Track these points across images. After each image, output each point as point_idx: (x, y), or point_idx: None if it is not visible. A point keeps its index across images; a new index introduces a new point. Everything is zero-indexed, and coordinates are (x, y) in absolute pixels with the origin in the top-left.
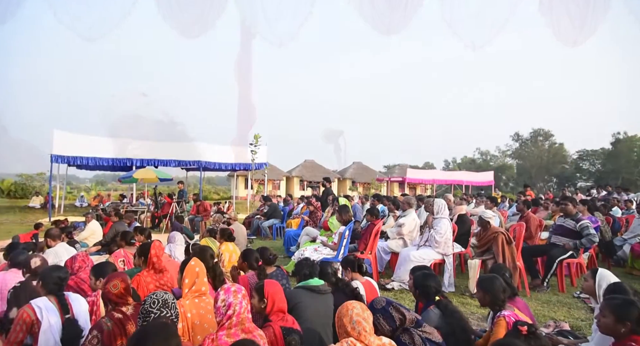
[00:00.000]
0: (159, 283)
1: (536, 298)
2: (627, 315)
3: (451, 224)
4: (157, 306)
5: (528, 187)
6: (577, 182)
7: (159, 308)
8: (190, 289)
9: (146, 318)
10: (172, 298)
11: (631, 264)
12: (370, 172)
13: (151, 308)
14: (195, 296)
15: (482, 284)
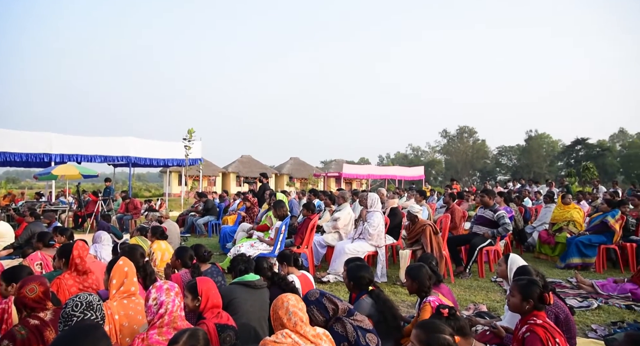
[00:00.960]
0: (82, 286)
1: (459, 283)
2: (530, 294)
3: (384, 218)
4: (80, 309)
5: (454, 181)
6: (497, 176)
7: (83, 311)
8: (119, 290)
9: (68, 322)
10: (98, 299)
11: (539, 249)
12: (307, 167)
13: (73, 312)
14: (124, 297)
15: (410, 273)
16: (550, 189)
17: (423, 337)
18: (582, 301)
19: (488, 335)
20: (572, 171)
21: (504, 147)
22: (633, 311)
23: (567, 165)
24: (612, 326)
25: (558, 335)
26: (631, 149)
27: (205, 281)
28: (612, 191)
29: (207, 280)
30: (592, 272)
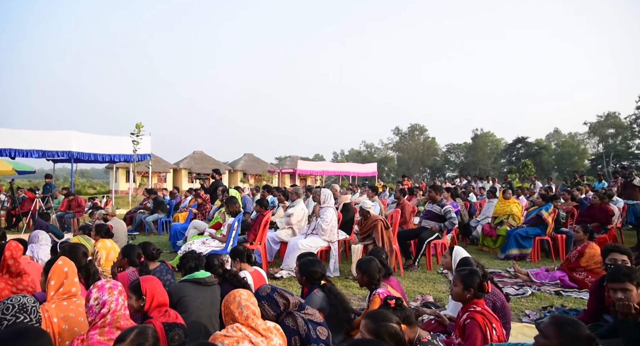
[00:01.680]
0: (16, 288)
1: (408, 276)
2: (471, 283)
3: (336, 213)
4: (11, 312)
5: (405, 177)
6: (446, 172)
7: (15, 314)
8: (57, 291)
9: None
10: (33, 301)
11: (482, 241)
12: (261, 164)
13: (4, 315)
14: (64, 299)
15: (360, 266)
16: (493, 185)
17: (371, 326)
18: (519, 289)
19: (433, 324)
20: (512, 167)
21: (452, 144)
22: (561, 296)
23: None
24: (542, 311)
25: (495, 320)
26: (564, 148)
27: (149, 279)
28: (546, 186)
29: (151, 279)
30: (528, 262)
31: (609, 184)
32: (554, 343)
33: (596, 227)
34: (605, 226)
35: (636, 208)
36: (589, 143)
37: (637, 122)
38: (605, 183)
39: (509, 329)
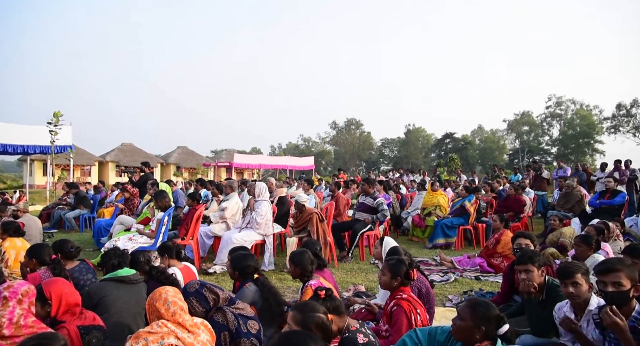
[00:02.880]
0: None
1: (342, 267)
2: (398, 272)
3: (272, 206)
4: None
5: (341, 170)
6: (380, 166)
7: None
8: None
9: None
10: None
11: (412, 232)
12: (196, 157)
13: None
14: None
15: (293, 259)
16: (423, 178)
17: (299, 318)
18: (443, 276)
19: (363, 312)
20: (441, 161)
21: (386, 139)
22: (480, 280)
23: (438, 156)
24: (463, 295)
25: (419, 306)
26: (486, 144)
27: (53, 282)
28: (470, 179)
29: (55, 281)
30: (452, 250)
31: (523, 177)
32: (468, 323)
33: (511, 216)
34: (519, 215)
35: (544, 198)
36: (508, 139)
37: (546, 120)
38: (520, 175)
39: (433, 313)
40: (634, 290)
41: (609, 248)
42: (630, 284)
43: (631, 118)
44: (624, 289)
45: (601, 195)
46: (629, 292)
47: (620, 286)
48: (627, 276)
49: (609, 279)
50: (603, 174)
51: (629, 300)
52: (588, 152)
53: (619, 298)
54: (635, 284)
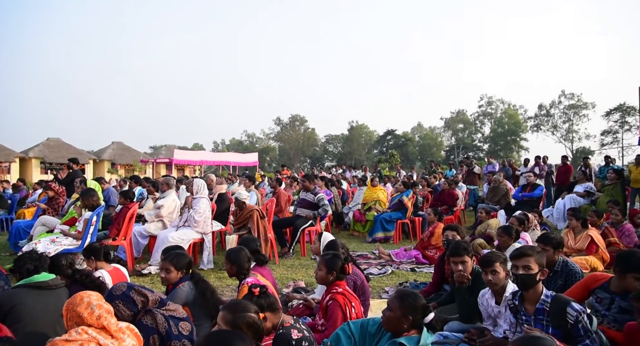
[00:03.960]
0: None
1: (283, 263)
2: (334, 266)
3: (210, 204)
4: None
5: (285, 167)
6: (325, 162)
7: None
8: None
9: None
10: None
11: (353, 227)
12: (133, 153)
13: None
14: None
15: (229, 257)
16: (365, 173)
17: (228, 317)
18: (381, 269)
19: (301, 308)
20: (382, 157)
21: (330, 135)
22: (415, 272)
23: (381, 152)
24: (399, 287)
25: (354, 299)
26: (425, 140)
27: None
28: (409, 174)
29: None
30: (391, 244)
31: (457, 172)
32: (397, 314)
33: (445, 209)
34: (452, 208)
35: (476, 192)
36: (445, 136)
37: (479, 118)
38: (454, 171)
39: (368, 306)
40: (540, 274)
41: (528, 237)
42: (538, 268)
43: (550, 118)
44: (532, 273)
45: (523, 189)
46: (536, 275)
47: (529, 269)
48: (535, 261)
49: (520, 264)
50: (525, 169)
51: (536, 283)
52: (515, 149)
53: (527, 280)
54: (542, 269)
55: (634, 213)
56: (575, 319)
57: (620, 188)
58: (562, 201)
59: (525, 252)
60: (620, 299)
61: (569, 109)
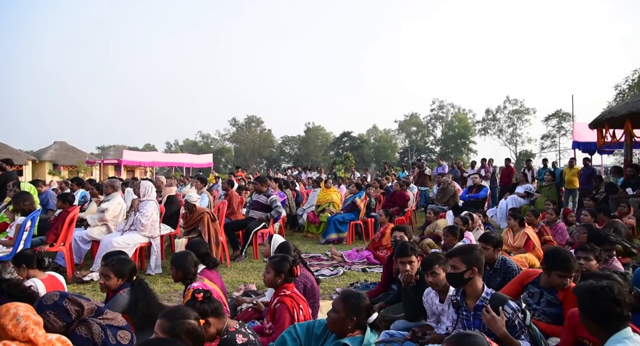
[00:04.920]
0: None
1: (235, 266)
2: (282, 269)
3: (158, 206)
4: None
5: (239, 168)
6: (281, 163)
7: None
8: None
9: None
10: None
11: (307, 228)
12: (77, 153)
13: None
14: None
15: (175, 261)
16: (320, 175)
17: (167, 325)
18: (333, 270)
19: (250, 311)
20: (337, 159)
21: (287, 137)
22: (366, 272)
23: (337, 154)
24: (349, 287)
25: (302, 301)
26: (380, 142)
27: None
28: (363, 176)
29: None
30: (344, 244)
31: (409, 173)
32: (341, 315)
33: (396, 210)
34: (404, 209)
35: (426, 193)
36: (399, 138)
37: (431, 122)
38: (407, 172)
39: (318, 307)
40: (469, 272)
41: (471, 236)
42: (466, 267)
43: (496, 122)
44: (458, 271)
45: (470, 190)
46: (464, 274)
47: (456, 269)
48: (462, 261)
49: (450, 263)
50: (472, 171)
51: (465, 280)
52: (464, 151)
53: (453, 278)
54: (471, 267)
55: (567, 212)
56: (511, 316)
57: (556, 188)
58: (505, 201)
59: (452, 252)
60: (548, 293)
61: (513, 114)
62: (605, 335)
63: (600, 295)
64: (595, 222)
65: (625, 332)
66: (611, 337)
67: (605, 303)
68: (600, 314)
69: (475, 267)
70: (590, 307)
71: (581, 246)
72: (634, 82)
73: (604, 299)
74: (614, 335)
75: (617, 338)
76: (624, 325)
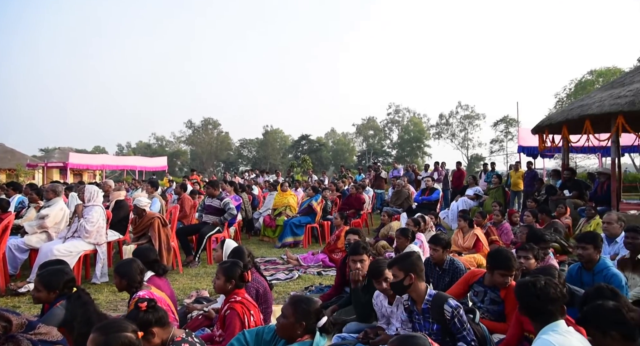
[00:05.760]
0: None
1: (188, 273)
2: (232, 275)
3: (105, 212)
4: None
5: (194, 171)
6: (239, 166)
7: None
8: None
9: None
10: None
11: (263, 232)
12: (17, 156)
13: None
14: None
15: (118, 270)
16: (278, 178)
17: (100, 340)
18: (288, 274)
19: (200, 319)
20: (294, 162)
21: (245, 140)
22: (321, 275)
23: (295, 157)
24: (304, 291)
25: (253, 307)
26: (339, 145)
27: None
28: (320, 179)
29: None
30: (300, 248)
31: (365, 176)
32: (291, 320)
33: (352, 213)
34: (359, 212)
35: (382, 195)
36: (357, 142)
37: (387, 125)
38: (363, 175)
39: (271, 312)
40: (407, 279)
41: (423, 237)
42: (404, 274)
43: (449, 126)
44: (397, 280)
45: (423, 192)
46: (403, 281)
47: (396, 277)
48: (399, 269)
49: (391, 273)
50: (425, 174)
51: (406, 287)
52: (419, 154)
53: (395, 287)
54: (408, 274)
55: (511, 213)
56: (452, 314)
57: (502, 191)
58: (456, 203)
59: (391, 263)
60: (491, 291)
61: (464, 119)
62: (538, 327)
63: (526, 290)
64: (537, 222)
65: (556, 325)
66: (542, 329)
67: (530, 298)
68: (528, 308)
69: (412, 273)
70: (521, 302)
71: (521, 246)
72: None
73: (529, 294)
74: (544, 326)
75: (545, 330)
76: (554, 318)
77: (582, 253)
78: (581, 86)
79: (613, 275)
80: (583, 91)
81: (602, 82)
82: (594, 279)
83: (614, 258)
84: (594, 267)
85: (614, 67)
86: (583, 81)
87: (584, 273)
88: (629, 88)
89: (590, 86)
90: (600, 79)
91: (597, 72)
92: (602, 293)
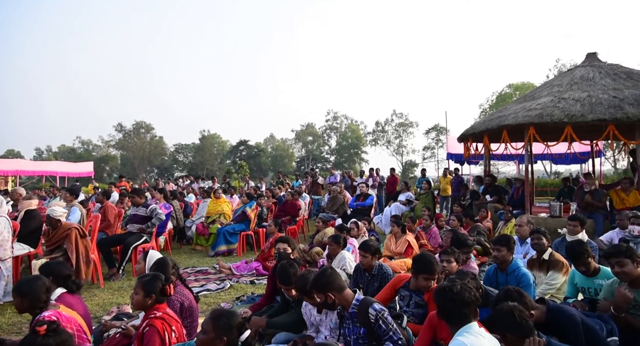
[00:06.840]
0: None
1: (110, 286)
2: (152, 289)
3: (10, 223)
4: None
5: (123, 177)
6: (174, 172)
7: None
8: None
9: None
10: None
11: (196, 241)
12: None
13: None
14: None
15: (19, 289)
16: (213, 185)
17: None
18: (220, 284)
19: (117, 337)
20: (230, 168)
21: (180, 145)
22: (254, 284)
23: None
24: (235, 301)
25: (175, 322)
26: (278, 151)
27: None
28: (257, 185)
29: None
30: (234, 256)
31: (302, 182)
32: (211, 336)
33: (288, 219)
34: (295, 218)
35: (319, 201)
36: (296, 148)
37: (326, 132)
38: (301, 181)
39: (196, 326)
40: (329, 297)
41: (355, 243)
42: (323, 296)
43: (385, 133)
44: (321, 300)
45: (357, 198)
46: (326, 300)
47: (319, 299)
48: (317, 292)
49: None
50: (360, 180)
51: (332, 304)
52: (357, 160)
53: (323, 306)
54: (326, 293)
55: (438, 217)
56: (376, 317)
57: (431, 196)
58: (389, 208)
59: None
60: (416, 295)
61: (399, 127)
62: (453, 330)
63: (443, 295)
64: (462, 226)
65: (469, 327)
66: (457, 331)
67: (447, 302)
68: (445, 311)
69: (329, 293)
70: (439, 306)
71: (444, 250)
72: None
73: (445, 298)
74: (459, 329)
75: (460, 332)
76: (468, 320)
77: (497, 255)
78: (501, 98)
79: (523, 275)
80: (503, 102)
81: (518, 95)
82: (507, 280)
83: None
84: (507, 268)
85: (528, 82)
86: (503, 94)
87: (499, 273)
88: (537, 102)
89: (509, 98)
90: (517, 93)
91: (515, 86)
92: (509, 295)
